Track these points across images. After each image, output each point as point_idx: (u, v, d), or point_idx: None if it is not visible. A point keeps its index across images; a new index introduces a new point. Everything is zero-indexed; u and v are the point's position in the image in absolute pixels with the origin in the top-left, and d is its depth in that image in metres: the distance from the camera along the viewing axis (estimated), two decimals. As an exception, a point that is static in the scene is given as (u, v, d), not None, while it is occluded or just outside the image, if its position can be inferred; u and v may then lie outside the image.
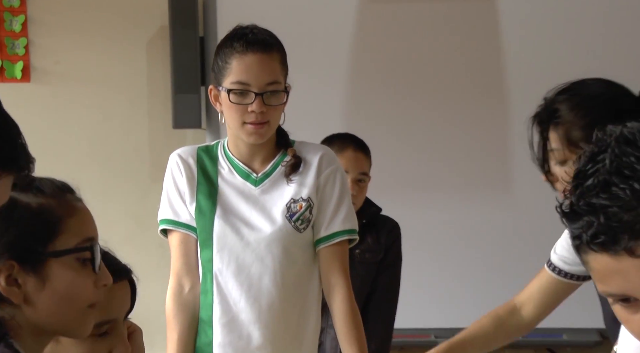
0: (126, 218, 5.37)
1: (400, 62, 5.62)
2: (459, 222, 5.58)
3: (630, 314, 1.49)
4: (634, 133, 1.46)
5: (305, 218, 3.36)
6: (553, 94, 2.81)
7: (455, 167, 5.59)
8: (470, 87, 5.62)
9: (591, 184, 1.45)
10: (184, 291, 3.38)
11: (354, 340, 3.35)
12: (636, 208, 1.41)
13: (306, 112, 4.54)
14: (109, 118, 5.56)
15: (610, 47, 5.57)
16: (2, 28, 5.49)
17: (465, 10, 5.64)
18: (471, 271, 5.55)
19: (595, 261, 1.47)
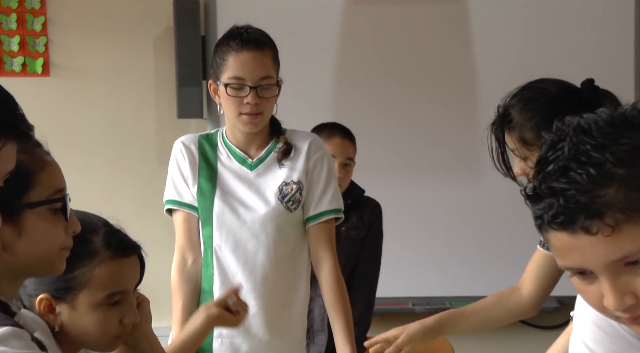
0: (135, 199, 5.35)
1: (381, 59, 5.61)
2: (433, 202, 5.58)
3: (586, 285, 1.50)
4: (589, 123, 1.46)
5: (295, 199, 3.36)
6: (505, 100, 2.80)
7: (431, 153, 5.59)
8: (444, 81, 5.61)
9: (552, 170, 1.45)
10: (187, 265, 3.38)
11: (340, 307, 3.36)
12: (591, 191, 1.41)
13: (297, 103, 4.54)
14: (120, 108, 5.54)
15: (571, 46, 5.57)
16: (24, 28, 5.45)
17: (439, 12, 5.63)
18: (444, 246, 5.55)
19: (556, 238, 1.47)
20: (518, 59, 5.48)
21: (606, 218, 1.41)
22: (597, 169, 1.42)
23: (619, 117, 1.47)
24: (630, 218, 1.41)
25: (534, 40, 5.59)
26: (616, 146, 1.43)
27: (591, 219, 1.42)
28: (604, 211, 1.41)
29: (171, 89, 5.49)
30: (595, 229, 1.42)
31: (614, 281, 1.45)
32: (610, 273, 1.45)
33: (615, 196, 1.41)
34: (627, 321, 1.50)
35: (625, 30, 5.61)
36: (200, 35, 5.46)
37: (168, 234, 3.58)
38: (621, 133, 1.45)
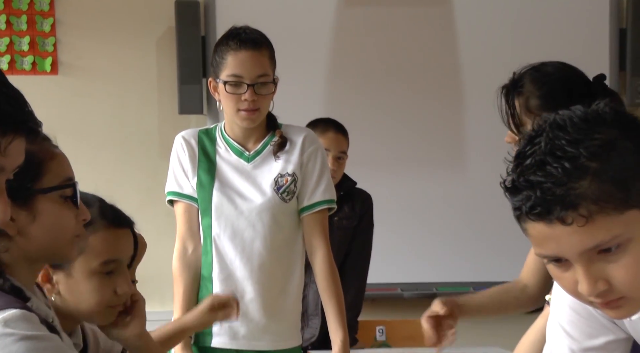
0: (139, 190, 5.34)
1: (372, 57, 5.60)
2: (421, 193, 5.58)
3: (562, 272, 1.50)
4: (564, 119, 1.47)
5: (290, 190, 3.35)
6: (520, 70, 2.80)
7: (419, 147, 5.59)
8: (431, 79, 5.61)
9: (529, 164, 1.45)
10: (187, 253, 3.37)
11: (333, 293, 3.36)
12: (566, 183, 1.42)
13: (292, 99, 4.53)
14: (125, 105, 5.54)
15: (549, 46, 5.56)
16: (34, 29, 5.45)
17: (427, 14, 5.63)
18: (431, 234, 5.55)
19: (533, 228, 1.47)
20: (501, 59, 5.46)
21: (580, 209, 1.41)
22: (571, 163, 1.42)
23: (592, 113, 1.47)
24: (602, 209, 1.41)
25: (515, 40, 5.59)
26: (589, 141, 1.43)
27: (566, 211, 1.42)
28: (578, 202, 1.41)
29: (173, 87, 5.48)
30: (570, 219, 1.42)
31: (588, 268, 1.45)
32: (584, 261, 1.45)
33: (589, 188, 1.41)
34: (600, 306, 1.50)
35: (601, 32, 5.63)
36: (200, 35, 5.46)
37: (170, 224, 3.57)
38: (594, 128, 1.44)
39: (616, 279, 1.45)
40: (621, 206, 1.42)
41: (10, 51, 5.44)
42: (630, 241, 1.43)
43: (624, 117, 1.49)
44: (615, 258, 1.44)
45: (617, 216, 1.42)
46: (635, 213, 1.43)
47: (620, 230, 1.43)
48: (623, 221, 1.42)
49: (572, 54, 5.47)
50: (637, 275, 1.44)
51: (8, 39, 5.44)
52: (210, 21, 5.44)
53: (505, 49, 5.55)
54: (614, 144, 1.44)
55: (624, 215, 1.42)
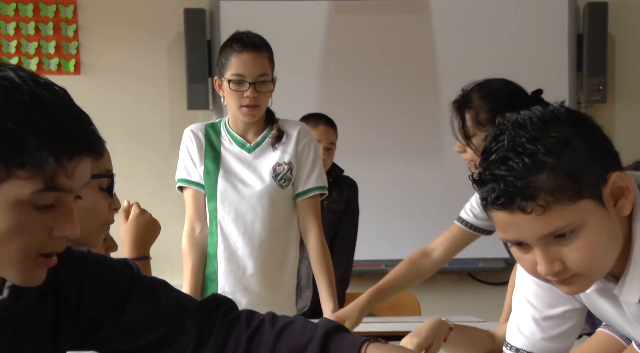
0: (152, 177, 5.33)
1: (359, 59, 5.59)
2: (402, 180, 5.57)
3: (523, 254, 1.52)
4: (525, 119, 1.48)
5: (287, 177, 3.33)
6: (468, 86, 2.83)
7: (400, 140, 5.57)
8: (411, 79, 5.60)
9: (494, 159, 1.47)
10: (195, 233, 3.35)
11: (324, 269, 3.35)
12: (526, 177, 1.44)
13: (288, 96, 4.49)
14: (139, 101, 5.53)
15: (514, 50, 5.55)
16: (59, 34, 5.45)
17: (408, 21, 5.61)
18: (411, 215, 5.54)
19: (497, 216, 1.49)
20: (473, 60, 5.48)
21: (538, 199, 1.44)
22: (530, 159, 1.44)
23: (549, 114, 1.49)
24: (558, 200, 1.44)
25: (486, 44, 5.58)
26: (546, 139, 1.45)
27: (526, 201, 1.44)
28: (536, 194, 1.43)
29: (182, 85, 5.47)
30: (530, 209, 1.44)
31: (545, 251, 1.48)
32: (542, 245, 1.48)
33: (546, 181, 1.43)
34: (556, 283, 1.52)
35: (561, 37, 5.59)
36: (206, 39, 5.44)
37: (179, 207, 3.54)
38: (550, 127, 1.46)
39: (570, 260, 1.47)
40: (574, 197, 1.44)
41: (39, 54, 5.45)
42: (583, 227, 1.45)
43: (578, 117, 1.50)
44: (569, 242, 1.46)
45: (571, 206, 1.44)
46: (587, 203, 1.45)
47: (574, 217, 1.45)
48: (576, 209, 1.44)
49: (536, 56, 5.51)
50: (588, 256, 1.47)
51: (37, 43, 5.45)
52: (215, 27, 5.42)
53: (477, 51, 5.55)
54: (568, 141, 1.46)
55: (577, 205, 1.44)
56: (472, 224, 3.01)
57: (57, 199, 1.34)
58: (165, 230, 3.00)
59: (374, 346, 1.55)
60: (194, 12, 5.44)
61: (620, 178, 1.49)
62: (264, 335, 1.59)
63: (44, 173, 1.30)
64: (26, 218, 1.32)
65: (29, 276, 1.36)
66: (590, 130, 1.50)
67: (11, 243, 1.32)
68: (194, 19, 5.42)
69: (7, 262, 1.33)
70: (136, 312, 1.56)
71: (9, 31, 5.41)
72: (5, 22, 5.40)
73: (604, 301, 1.63)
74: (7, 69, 1.33)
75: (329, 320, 1.63)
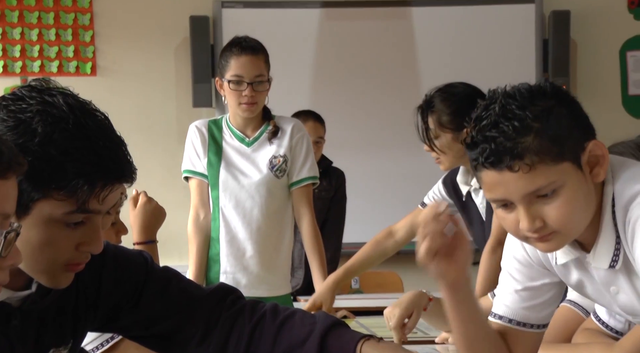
0: (161, 169, 5.29)
1: (346, 62, 5.57)
2: (385, 170, 5.57)
3: (507, 214, 1.52)
4: (514, 91, 1.50)
5: (282, 168, 3.31)
6: (431, 92, 2.84)
7: (383, 134, 5.55)
8: (394, 79, 5.59)
9: (486, 124, 1.48)
10: (200, 219, 3.33)
11: (316, 250, 3.33)
12: (515, 138, 1.45)
13: (283, 95, 4.47)
14: (150, 100, 5.51)
15: (487, 52, 5.53)
16: (77, 39, 5.43)
17: (392, 26, 5.59)
18: (392, 203, 5.51)
19: (487, 176, 1.49)
20: (450, 63, 5.48)
21: (525, 159, 1.45)
22: (519, 123, 1.46)
23: (536, 86, 1.51)
24: (542, 160, 1.45)
25: (461, 47, 5.57)
26: (533, 107, 1.47)
27: (514, 160, 1.45)
28: (523, 153, 1.45)
29: (187, 85, 5.44)
30: (517, 167, 1.45)
31: (528, 208, 1.48)
32: (525, 203, 1.48)
33: (532, 143, 1.45)
34: (535, 240, 1.52)
35: (529, 42, 5.58)
36: (210, 44, 5.42)
37: (185, 196, 3.51)
38: (537, 97, 1.49)
39: (549, 217, 1.48)
40: (557, 159, 1.46)
41: (59, 57, 5.43)
42: (563, 187, 1.46)
43: (560, 91, 1.53)
44: (550, 201, 1.47)
45: (553, 167, 1.46)
46: (567, 166, 1.47)
47: (555, 177, 1.46)
48: (558, 171, 1.46)
49: (506, 59, 5.50)
50: (566, 215, 1.48)
51: (57, 47, 5.44)
52: (218, 33, 5.40)
53: (453, 54, 5.54)
54: (552, 110, 1.48)
55: (559, 166, 1.46)
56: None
57: (86, 218, 1.33)
58: (173, 216, 2.99)
59: (369, 344, 1.53)
60: (199, 19, 5.41)
61: (597, 146, 1.50)
62: (265, 328, 1.57)
63: (77, 197, 1.30)
64: (57, 233, 1.32)
65: (57, 281, 1.37)
66: (572, 103, 1.52)
67: (42, 254, 1.32)
68: (199, 25, 5.40)
69: (38, 270, 1.35)
70: (150, 303, 1.55)
71: (32, 37, 5.40)
72: (29, 29, 5.39)
73: (577, 271, 1.61)
74: (58, 95, 1.34)
75: (328, 314, 1.61)
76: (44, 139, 1.29)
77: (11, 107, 1.32)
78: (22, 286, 1.38)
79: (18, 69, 5.36)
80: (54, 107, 1.31)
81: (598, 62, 5.69)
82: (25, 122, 1.30)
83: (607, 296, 1.60)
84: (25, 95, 1.33)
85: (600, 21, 5.65)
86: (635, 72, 5.69)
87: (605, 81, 5.69)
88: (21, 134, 1.29)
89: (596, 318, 2.09)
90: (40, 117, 1.30)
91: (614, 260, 1.52)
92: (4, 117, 1.31)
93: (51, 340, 1.46)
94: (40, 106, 1.31)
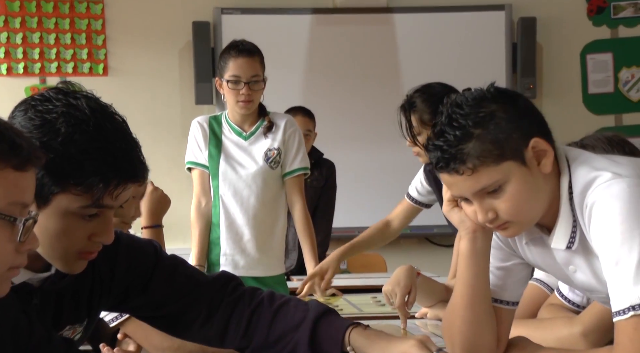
0: (166, 160, 5.25)
1: (335, 63, 5.54)
2: (371, 161, 5.55)
3: (468, 206, 1.54)
4: (461, 100, 1.50)
5: (276, 160, 3.29)
6: (412, 92, 2.84)
7: (370, 129, 5.52)
8: (378, 78, 5.56)
9: (436, 132, 1.50)
10: (201, 206, 3.31)
11: (308, 234, 3.33)
12: (457, 145, 1.47)
13: (277, 93, 4.45)
14: (156, 97, 5.47)
15: (462, 55, 5.52)
16: (91, 43, 5.40)
17: (376, 31, 5.56)
18: (377, 191, 5.51)
19: (442, 177, 1.52)
20: (428, 64, 5.47)
21: (467, 163, 1.46)
22: (461, 131, 1.47)
23: (480, 93, 1.51)
24: (483, 163, 1.46)
25: (439, 50, 5.54)
26: (476, 114, 1.47)
27: (458, 164, 1.47)
28: (465, 158, 1.46)
29: (190, 84, 5.41)
30: (461, 171, 1.47)
31: (481, 203, 1.50)
32: (477, 198, 1.50)
33: (473, 148, 1.46)
34: (495, 229, 1.55)
35: (500, 45, 5.57)
36: (211, 47, 5.38)
37: (188, 185, 3.49)
38: (480, 104, 1.48)
39: (500, 210, 1.49)
40: (498, 160, 1.46)
41: (74, 59, 5.40)
42: (507, 183, 1.47)
43: (503, 94, 1.52)
44: (498, 196, 1.48)
45: (495, 167, 1.46)
46: (509, 164, 1.47)
47: (498, 176, 1.47)
48: (500, 170, 1.46)
49: (479, 61, 5.48)
50: (514, 206, 1.48)
51: (72, 50, 5.41)
52: (218, 37, 5.37)
53: (431, 56, 5.52)
54: (493, 115, 1.47)
55: (500, 166, 1.46)
56: (416, 200, 3.16)
57: (99, 212, 1.34)
58: (177, 203, 2.97)
59: (357, 330, 1.52)
60: (201, 24, 5.39)
61: (538, 143, 1.49)
62: (262, 313, 1.58)
63: (92, 193, 1.30)
64: (72, 224, 1.32)
65: (72, 267, 1.37)
66: (514, 105, 1.50)
67: (59, 242, 1.33)
68: (200, 30, 5.38)
69: (54, 256, 1.35)
70: (158, 288, 1.56)
71: (50, 41, 5.38)
72: (47, 34, 5.37)
73: (540, 251, 1.61)
74: (82, 98, 1.34)
75: (320, 303, 1.60)
76: (66, 139, 1.29)
77: (38, 107, 1.32)
78: (42, 269, 1.38)
79: (37, 70, 5.36)
80: (77, 109, 1.31)
81: (561, 64, 5.70)
82: (50, 122, 1.30)
83: (567, 275, 1.60)
84: (52, 97, 1.33)
85: (563, 27, 5.66)
86: (594, 73, 5.71)
87: (568, 81, 5.71)
88: (45, 132, 1.30)
89: (559, 294, 2.09)
90: (64, 118, 1.30)
91: (570, 242, 1.53)
92: (31, 116, 1.32)
93: (68, 319, 1.46)
94: (64, 108, 1.31)
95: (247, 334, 1.57)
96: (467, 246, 1.60)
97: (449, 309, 1.65)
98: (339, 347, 1.50)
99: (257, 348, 1.57)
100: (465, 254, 1.60)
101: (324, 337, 1.52)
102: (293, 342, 1.53)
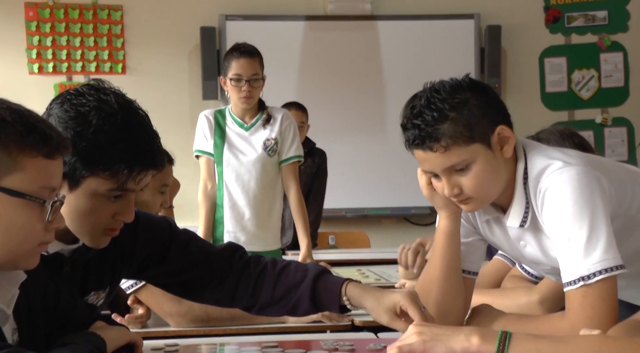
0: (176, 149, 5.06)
1: (325, 64, 5.50)
2: (358, 149, 5.51)
3: (437, 182, 1.53)
4: (439, 86, 1.49)
5: (274, 149, 3.28)
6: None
7: (357, 121, 5.49)
8: (364, 78, 5.52)
9: (415, 112, 1.48)
10: (208, 189, 3.31)
11: (301, 215, 3.32)
12: (434, 125, 1.45)
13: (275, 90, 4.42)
14: (168, 94, 5.43)
15: (436, 58, 5.50)
16: (111, 45, 5.37)
17: (360, 36, 5.53)
18: (365, 176, 5.49)
19: (416, 154, 1.51)
20: (407, 66, 5.44)
21: (441, 141, 1.45)
22: (438, 113, 1.45)
23: (456, 81, 1.50)
24: (455, 142, 1.45)
25: (416, 53, 5.50)
26: (452, 99, 1.46)
27: (432, 142, 1.46)
28: (439, 137, 1.45)
29: (198, 82, 5.36)
30: (435, 148, 1.46)
31: (448, 179, 1.50)
32: (446, 174, 1.49)
33: (447, 129, 1.45)
34: (457, 202, 1.54)
35: (469, 49, 5.54)
36: (216, 49, 5.34)
37: (196, 171, 3.48)
38: (456, 91, 1.47)
39: (465, 186, 1.49)
40: (468, 141, 1.46)
41: (97, 59, 5.37)
42: (474, 163, 1.47)
43: (476, 85, 1.51)
44: (464, 174, 1.48)
45: (465, 147, 1.46)
46: (477, 146, 1.46)
47: (467, 156, 1.46)
48: (469, 150, 1.46)
49: (451, 63, 5.46)
50: (477, 184, 1.48)
51: (95, 51, 5.37)
52: (223, 40, 5.32)
53: (410, 59, 5.49)
54: (467, 101, 1.47)
55: (470, 147, 1.46)
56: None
57: (123, 194, 1.35)
58: (187, 187, 2.96)
59: (352, 284, 1.53)
60: (207, 29, 5.35)
61: (504, 130, 1.49)
62: (267, 275, 1.59)
63: (118, 178, 1.32)
64: (99, 204, 1.34)
65: (97, 242, 1.39)
66: (485, 95, 1.50)
67: (86, 220, 1.35)
68: (207, 34, 5.34)
69: (82, 232, 1.37)
70: (174, 259, 1.56)
71: (76, 43, 5.35)
72: (73, 37, 5.35)
73: (496, 228, 1.61)
74: (111, 94, 1.35)
75: (317, 264, 1.61)
76: (97, 130, 1.31)
77: (73, 101, 1.33)
78: (72, 241, 1.40)
79: (64, 69, 5.34)
80: (107, 104, 1.32)
81: (523, 66, 5.71)
82: (83, 114, 1.32)
83: (518, 249, 1.60)
84: (85, 92, 1.34)
85: (524, 34, 5.68)
86: (550, 74, 5.75)
87: (528, 81, 5.73)
88: (79, 123, 1.31)
89: (520, 267, 2.09)
90: (95, 111, 1.32)
91: (523, 221, 1.53)
92: (67, 109, 1.33)
93: (93, 285, 1.48)
94: (96, 103, 1.33)
95: (254, 294, 1.57)
96: (449, 226, 1.60)
97: (425, 280, 1.64)
98: (337, 299, 1.51)
99: (264, 305, 1.57)
100: (446, 232, 1.60)
101: (323, 292, 1.52)
102: (296, 297, 1.54)
